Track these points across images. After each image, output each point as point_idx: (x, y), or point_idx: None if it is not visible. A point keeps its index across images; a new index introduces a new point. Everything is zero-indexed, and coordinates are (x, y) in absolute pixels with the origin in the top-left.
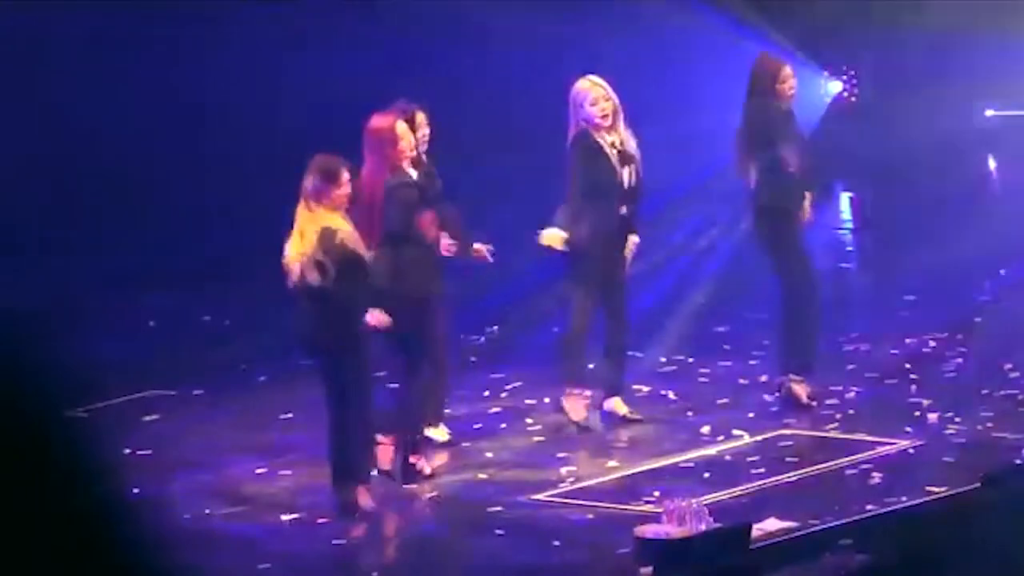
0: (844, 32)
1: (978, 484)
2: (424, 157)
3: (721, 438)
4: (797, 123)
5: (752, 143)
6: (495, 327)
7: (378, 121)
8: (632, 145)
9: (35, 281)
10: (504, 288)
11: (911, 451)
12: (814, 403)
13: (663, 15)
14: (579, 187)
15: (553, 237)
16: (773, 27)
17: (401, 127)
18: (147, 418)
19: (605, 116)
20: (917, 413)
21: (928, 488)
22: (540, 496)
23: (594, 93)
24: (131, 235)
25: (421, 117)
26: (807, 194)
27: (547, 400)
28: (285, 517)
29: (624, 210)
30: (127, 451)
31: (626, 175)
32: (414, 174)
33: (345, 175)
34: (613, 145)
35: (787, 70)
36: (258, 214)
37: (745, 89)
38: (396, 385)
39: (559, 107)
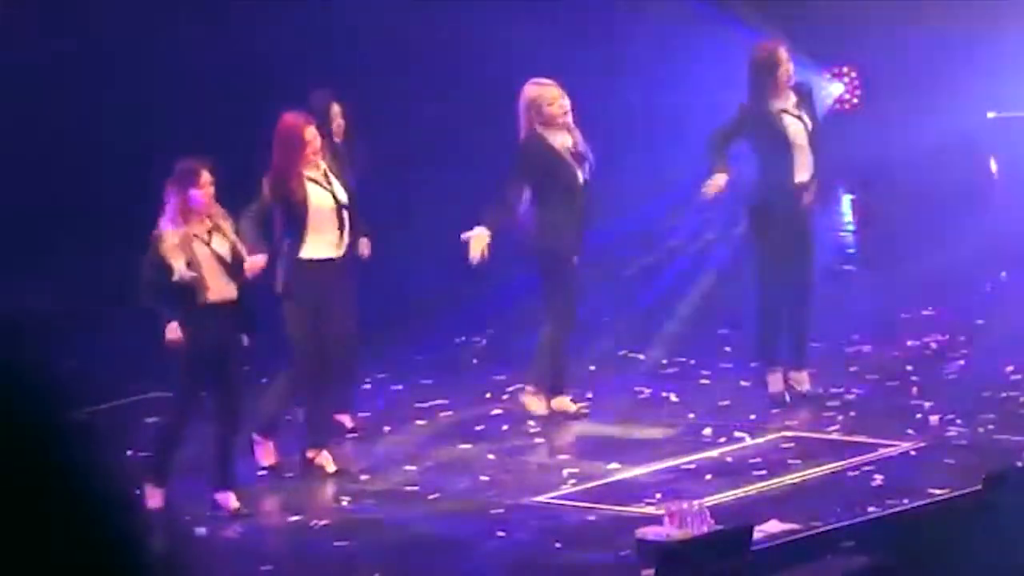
0: (845, 33)
1: (979, 486)
2: (337, 149)
3: (722, 440)
4: (801, 111)
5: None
6: (493, 331)
7: (287, 121)
8: (584, 145)
9: (36, 281)
10: (505, 290)
11: (912, 453)
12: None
13: (661, 14)
14: (537, 192)
15: (480, 238)
16: (774, 28)
17: (311, 132)
18: (149, 419)
19: (566, 113)
20: (918, 415)
21: (929, 490)
22: (541, 498)
23: (549, 94)
24: (132, 236)
25: (336, 108)
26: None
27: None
28: (287, 518)
29: (584, 210)
30: (129, 452)
31: (580, 175)
32: (317, 175)
33: (205, 175)
34: (564, 145)
35: (781, 53)
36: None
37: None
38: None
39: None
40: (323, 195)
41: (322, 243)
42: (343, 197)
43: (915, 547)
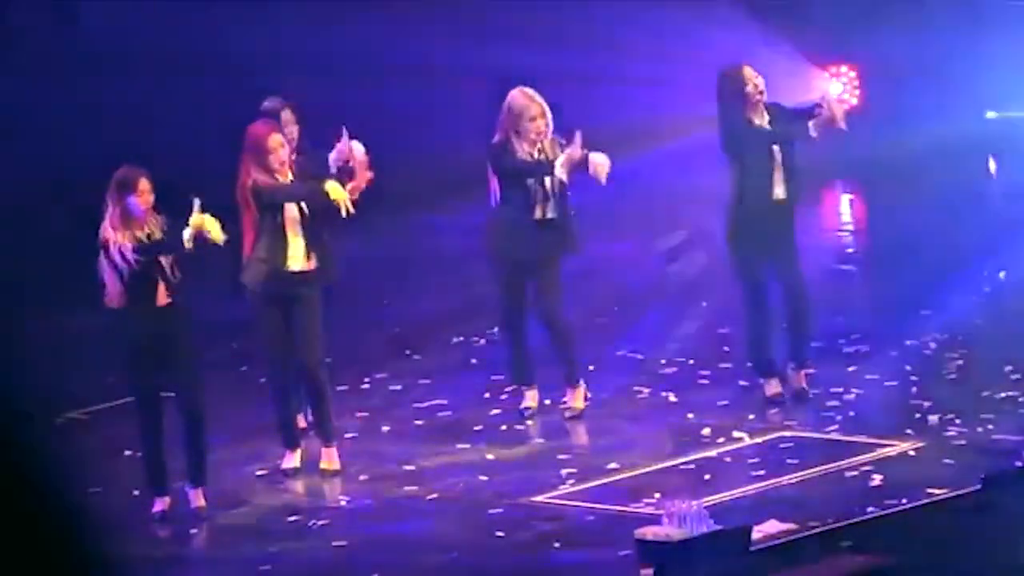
0: (844, 32)
1: (978, 486)
2: (293, 156)
3: (721, 440)
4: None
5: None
6: (495, 329)
7: (253, 130)
8: (557, 154)
9: (32, 283)
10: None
11: (911, 453)
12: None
13: (660, 14)
14: (496, 195)
15: None
16: (773, 27)
17: (275, 140)
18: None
19: (540, 134)
20: (917, 415)
21: (928, 490)
22: (540, 498)
23: (533, 110)
24: None
25: (287, 114)
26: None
27: (547, 402)
28: (286, 518)
29: (547, 214)
30: (127, 453)
31: (546, 182)
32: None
33: (143, 183)
34: (531, 155)
35: (748, 71)
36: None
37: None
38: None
39: None
40: (290, 207)
41: (291, 257)
42: (306, 209)
43: (914, 547)
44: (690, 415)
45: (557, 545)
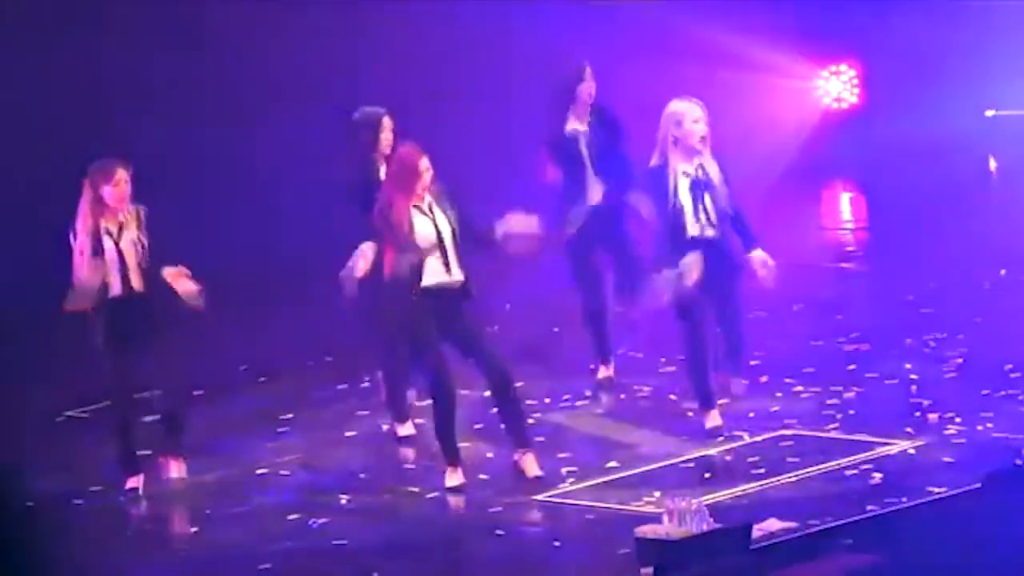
0: (844, 31)
1: (978, 485)
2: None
3: (721, 438)
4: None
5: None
6: (496, 328)
7: (404, 152)
8: (715, 170)
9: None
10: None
11: (911, 451)
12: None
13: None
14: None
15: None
16: (773, 26)
17: (424, 164)
18: (147, 418)
19: (703, 139)
20: (917, 413)
21: (928, 489)
22: (540, 496)
23: (694, 113)
24: None
25: (387, 121)
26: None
27: (547, 400)
28: (285, 517)
29: (708, 232)
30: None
31: (704, 200)
32: (423, 205)
33: (120, 173)
34: (686, 174)
35: (586, 71)
36: (258, 218)
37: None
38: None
39: None
40: (426, 223)
41: (432, 271)
42: (445, 226)
43: (914, 546)
44: (690, 413)
45: (556, 543)
